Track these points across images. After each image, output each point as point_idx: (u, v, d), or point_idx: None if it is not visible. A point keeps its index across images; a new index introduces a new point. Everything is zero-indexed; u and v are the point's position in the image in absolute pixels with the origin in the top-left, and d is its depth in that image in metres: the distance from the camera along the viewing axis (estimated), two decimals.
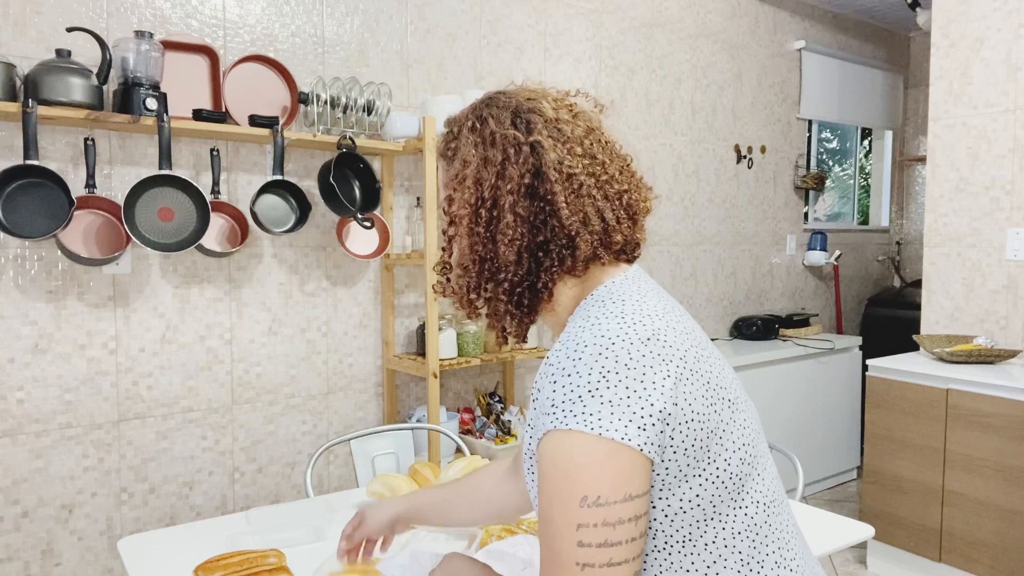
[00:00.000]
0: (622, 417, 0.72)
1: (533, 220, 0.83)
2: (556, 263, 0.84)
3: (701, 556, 0.79)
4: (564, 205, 0.82)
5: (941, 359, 2.84)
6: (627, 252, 0.90)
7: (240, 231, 2.36)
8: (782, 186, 4.29)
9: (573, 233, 0.83)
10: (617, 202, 0.87)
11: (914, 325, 3.61)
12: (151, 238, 2.13)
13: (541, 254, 0.84)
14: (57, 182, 1.99)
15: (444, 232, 0.89)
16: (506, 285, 0.85)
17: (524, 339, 0.93)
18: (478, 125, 0.87)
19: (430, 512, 1.22)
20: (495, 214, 0.84)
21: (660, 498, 0.77)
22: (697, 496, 0.77)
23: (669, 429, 0.74)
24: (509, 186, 0.83)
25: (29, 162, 1.94)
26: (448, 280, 0.90)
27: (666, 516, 0.78)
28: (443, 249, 0.90)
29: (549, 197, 0.83)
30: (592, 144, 0.87)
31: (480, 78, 2.99)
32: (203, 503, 2.43)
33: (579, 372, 0.74)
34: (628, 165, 0.90)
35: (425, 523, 1.24)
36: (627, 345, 0.75)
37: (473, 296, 0.89)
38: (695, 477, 0.77)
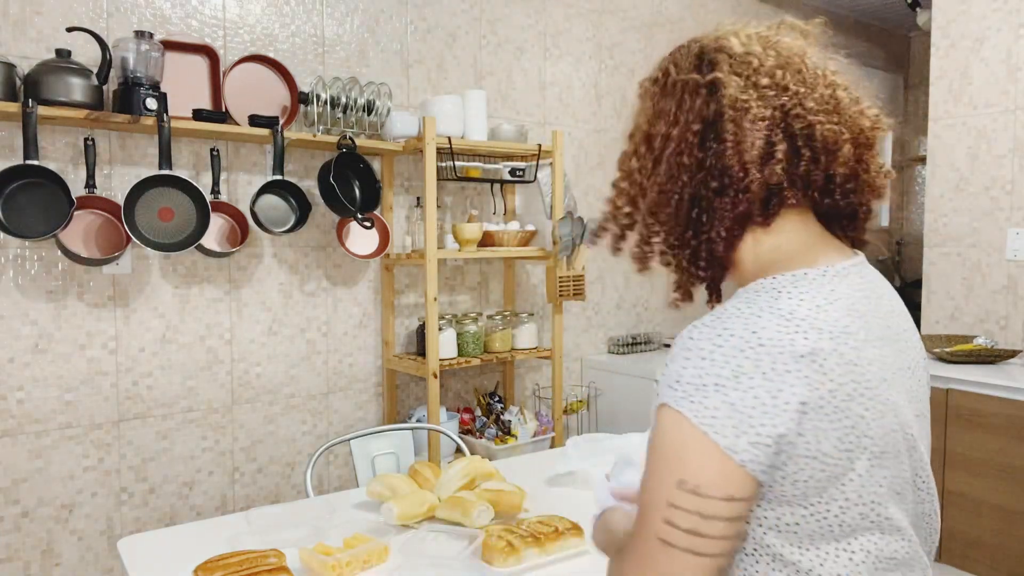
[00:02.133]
0: (738, 426, 0.68)
1: (701, 167, 0.78)
2: (728, 209, 0.77)
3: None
4: (730, 146, 0.76)
5: (941, 359, 2.84)
6: (832, 195, 0.80)
7: (240, 231, 2.36)
8: None
9: (739, 175, 0.76)
10: (804, 137, 0.76)
11: (914, 325, 3.61)
12: (151, 238, 2.13)
13: (715, 201, 0.78)
14: (57, 182, 1.99)
15: (614, 185, 0.87)
16: (678, 237, 0.81)
17: (690, 297, 0.87)
18: (660, 76, 0.84)
19: None
20: (662, 167, 0.80)
21: (758, 507, 0.74)
22: (796, 524, 0.73)
23: (784, 456, 0.69)
24: (675, 132, 0.79)
25: (29, 162, 1.94)
26: (622, 237, 0.87)
27: (760, 526, 0.74)
28: (615, 206, 0.87)
29: (719, 139, 0.77)
30: (785, 75, 0.78)
31: (480, 78, 2.99)
32: (203, 503, 2.43)
33: (714, 360, 0.70)
34: (834, 93, 0.80)
35: None
36: (775, 352, 0.69)
37: (647, 250, 0.86)
38: (800, 507, 0.72)
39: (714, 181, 0.77)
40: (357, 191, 2.55)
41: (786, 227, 0.80)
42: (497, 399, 2.94)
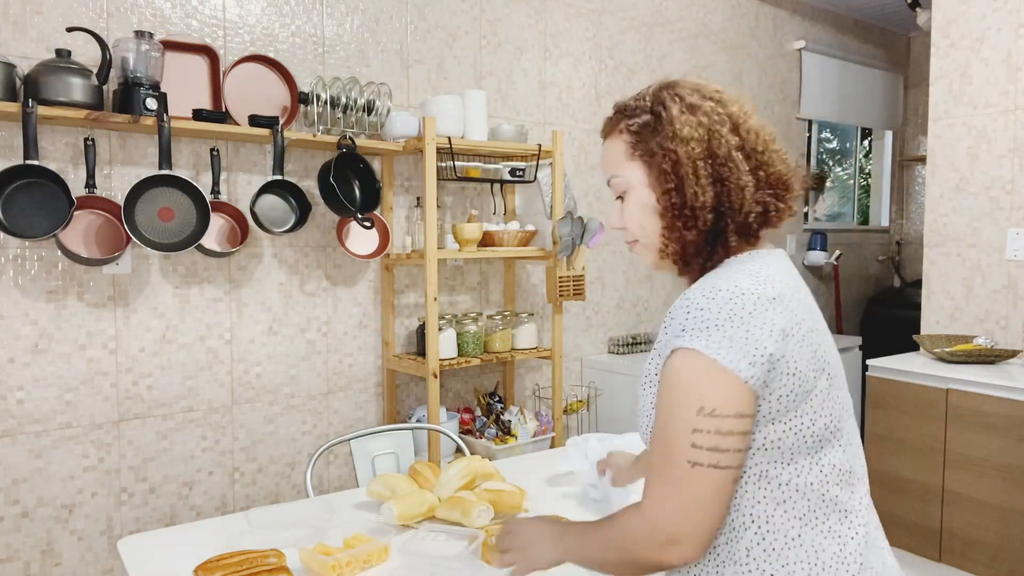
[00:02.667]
0: (739, 351, 0.85)
1: (752, 170, 0.97)
2: (772, 210, 0.98)
3: (773, 493, 0.91)
4: (770, 161, 0.98)
5: (941, 359, 2.84)
6: (772, 223, 1.01)
7: (240, 231, 2.36)
8: None
9: (786, 180, 0.99)
10: (786, 166, 1.01)
11: (914, 325, 3.61)
12: (151, 238, 2.13)
13: (759, 200, 0.97)
14: (57, 182, 1.99)
15: (664, 189, 0.98)
16: (733, 226, 0.96)
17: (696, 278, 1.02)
18: (678, 98, 0.99)
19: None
20: (722, 168, 0.95)
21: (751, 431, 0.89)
22: (778, 439, 0.90)
23: (773, 373, 0.87)
24: (728, 143, 0.96)
25: (29, 162, 1.94)
26: (658, 232, 1.00)
27: (749, 448, 0.89)
28: (660, 203, 0.99)
29: (754, 154, 0.97)
30: (750, 125, 1.00)
31: (480, 78, 2.99)
32: (203, 503, 2.43)
33: (710, 308, 0.88)
34: (774, 141, 1.02)
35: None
36: (754, 297, 0.89)
37: (686, 241, 0.98)
38: (780, 423, 0.89)
39: (726, 200, 0.96)
40: (357, 191, 2.55)
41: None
42: (497, 399, 2.94)
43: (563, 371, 3.18)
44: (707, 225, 0.96)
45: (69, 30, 2.04)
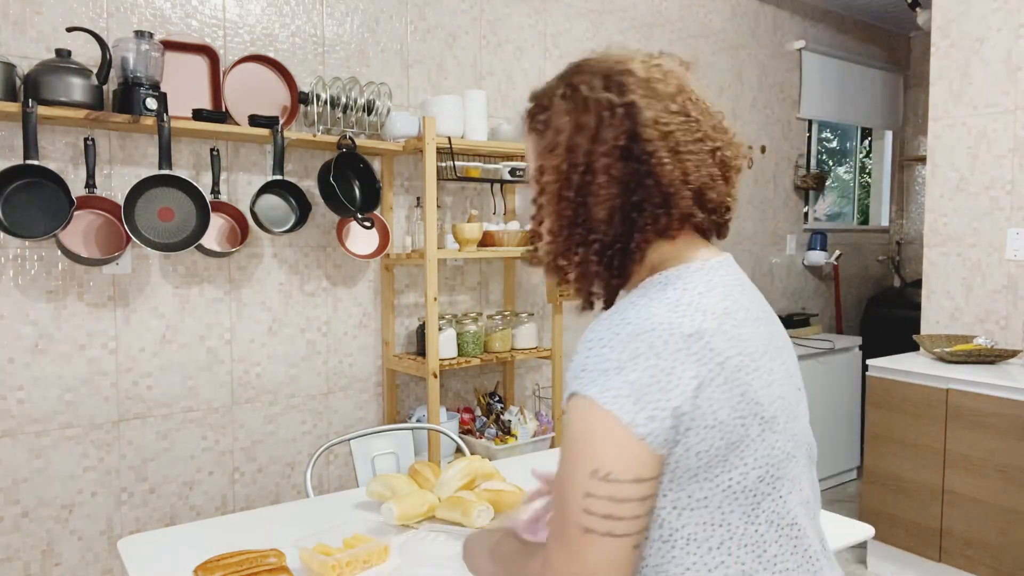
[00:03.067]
0: (638, 401, 0.74)
1: (628, 181, 0.82)
2: (650, 223, 0.83)
3: (703, 558, 0.80)
4: (662, 163, 0.81)
5: (941, 359, 2.84)
6: (718, 213, 0.88)
7: (240, 231, 2.36)
8: (782, 186, 4.29)
9: (671, 191, 0.82)
10: (711, 159, 0.84)
11: (914, 325, 3.61)
12: (151, 238, 2.13)
13: (635, 214, 0.83)
14: (57, 182, 1.99)
15: (534, 202, 0.88)
16: (596, 246, 0.84)
17: (612, 303, 0.91)
18: (569, 92, 0.86)
19: None
20: (588, 178, 0.82)
21: (670, 490, 0.79)
22: (705, 499, 0.79)
23: (683, 428, 0.75)
24: (603, 148, 0.82)
25: (29, 162, 1.94)
26: (536, 249, 0.91)
27: (674, 508, 0.79)
28: (532, 218, 0.89)
29: (645, 156, 0.81)
30: (684, 101, 0.85)
31: (480, 78, 2.99)
32: (203, 503, 2.43)
33: (613, 346, 0.77)
34: (721, 122, 0.88)
35: None
36: (665, 335, 0.76)
37: (563, 262, 0.88)
38: (706, 480, 0.78)
39: (635, 196, 0.82)
40: (357, 191, 2.55)
41: (684, 240, 0.87)
42: (497, 399, 2.94)
43: (563, 371, 3.18)
44: (570, 244, 0.85)
45: (69, 30, 2.04)
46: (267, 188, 2.35)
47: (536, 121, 0.89)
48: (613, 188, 0.82)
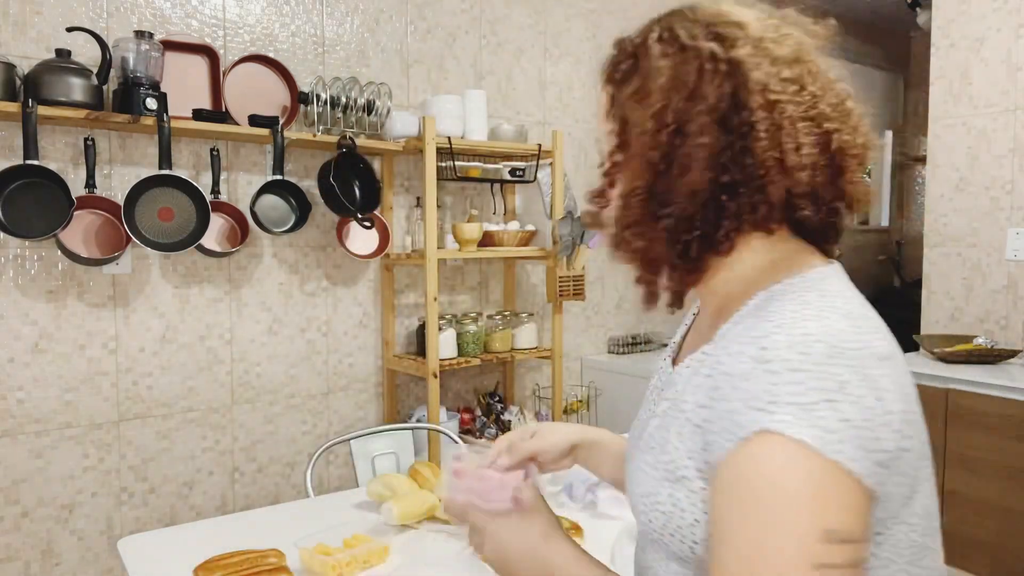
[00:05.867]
0: (863, 445, 0.57)
1: (723, 153, 0.66)
2: (747, 211, 0.67)
3: None
4: (763, 138, 0.66)
5: (941, 359, 2.84)
6: (828, 211, 0.72)
7: (240, 231, 2.36)
8: None
9: (765, 172, 0.66)
10: (822, 144, 0.68)
11: (914, 325, 3.61)
12: (151, 238, 2.13)
13: (726, 197, 0.67)
14: (57, 182, 1.99)
15: (610, 156, 0.74)
16: (671, 223, 0.68)
17: (680, 304, 0.76)
18: (667, 35, 0.70)
19: (603, 452, 1.04)
20: (677, 141, 0.67)
21: None
22: (889, 558, 0.64)
23: (889, 471, 0.60)
24: (700, 107, 0.66)
25: (29, 162, 1.94)
26: (600, 212, 0.76)
27: None
28: (604, 175, 0.74)
29: (745, 128, 0.66)
30: (802, 71, 0.69)
31: (480, 78, 2.99)
32: (203, 503, 2.43)
33: (810, 371, 0.57)
34: (844, 102, 0.72)
35: (592, 463, 1.05)
36: (863, 356, 0.59)
37: (629, 235, 0.72)
38: (890, 536, 0.64)
39: (728, 175, 0.67)
40: (357, 191, 2.55)
41: (788, 244, 0.73)
42: (497, 399, 2.94)
43: (563, 371, 3.18)
44: (686, 221, 0.68)
45: (69, 30, 2.04)
46: (267, 188, 2.35)
47: (617, 70, 0.73)
48: (704, 159, 0.66)
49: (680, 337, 0.87)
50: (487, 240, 2.74)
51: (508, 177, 2.78)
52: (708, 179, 0.67)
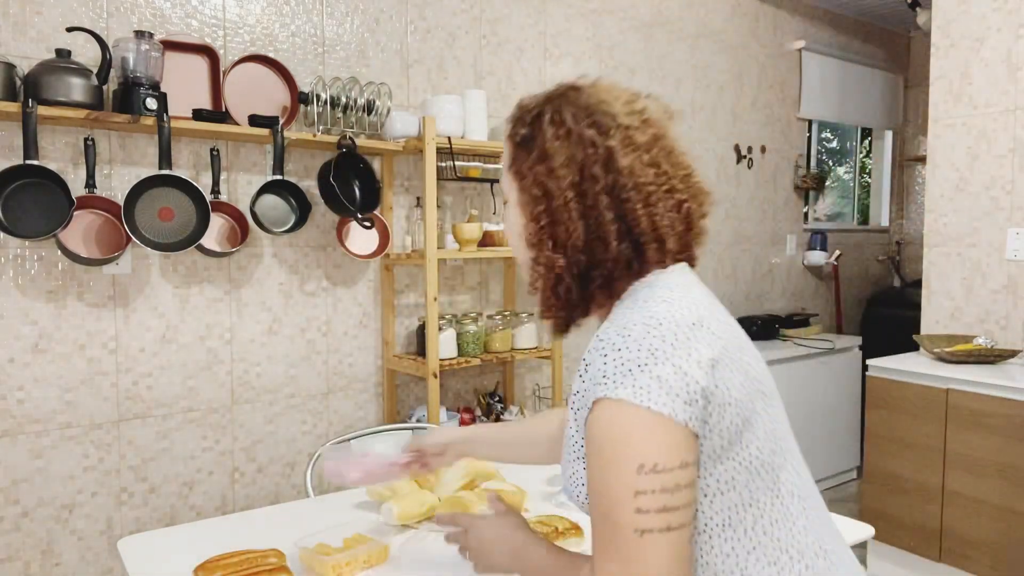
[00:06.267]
0: (670, 392, 0.75)
1: (604, 218, 0.86)
2: (623, 267, 0.87)
3: (740, 541, 0.81)
4: (635, 212, 0.85)
5: (941, 359, 2.84)
6: (680, 256, 0.92)
7: (240, 231, 2.36)
8: (782, 186, 4.29)
9: (642, 240, 0.86)
10: (676, 212, 0.88)
11: (914, 325, 3.61)
12: (151, 238, 2.13)
13: (606, 254, 0.87)
14: (57, 182, 1.99)
15: (532, 214, 0.90)
16: (574, 270, 0.88)
17: (566, 331, 0.96)
18: (557, 118, 0.88)
19: (481, 444, 1.32)
20: (583, 209, 0.86)
21: (699, 477, 0.80)
22: (732, 479, 0.80)
23: (709, 407, 0.78)
24: (596, 186, 0.85)
25: (29, 162, 1.94)
26: (533, 260, 0.92)
27: (705, 496, 0.80)
28: (537, 227, 0.90)
29: (618, 204, 0.85)
30: (658, 152, 0.88)
31: (480, 78, 2.99)
32: (203, 503, 2.43)
33: (628, 347, 0.78)
34: (690, 175, 0.90)
35: (476, 454, 1.33)
36: (673, 327, 0.79)
37: (552, 283, 0.90)
38: (729, 460, 0.80)
39: (609, 236, 0.86)
40: (357, 191, 2.55)
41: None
42: (497, 399, 2.94)
43: (563, 371, 3.18)
44: (577, 268, 0.87)
45: (69, 30, 2.04)
46: (267, 188, 2.35)
47: (517, 134, 0.92)
48: (609, 225, 0.85)
49: None
50: (487, 240, 2.74)
51: None
52: (597, 235, 0.86)
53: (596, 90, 0.91)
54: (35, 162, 1.95)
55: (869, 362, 2.93)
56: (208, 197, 2.22)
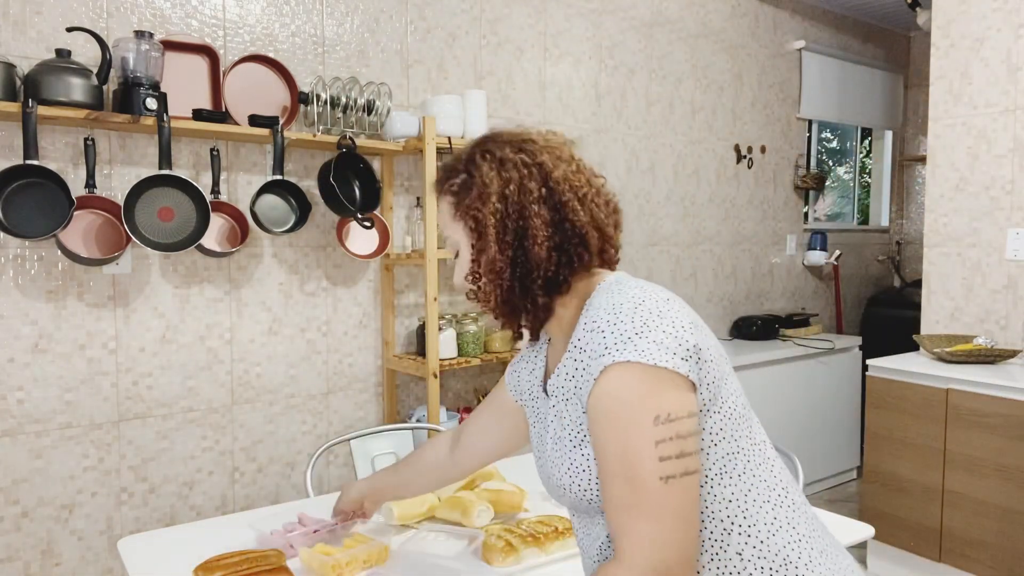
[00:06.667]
0: (667, 350, 0.84)
1: (552, 225, 0.96)
2: (576, 259, 0.97)
3: (737, 486, 0.89)
4: (575, 211, 0.97)
5: (941, 359, 2.84)
6: (614, 252, 1.05)
7: (240, 231, 2.36)
8: (782, 186, 4.29)
9: (584, 232, 0.97)
10: (606, 208, 1.01)
11: (914, 325, 3.61)
12: (151, 238, 2.13)
13: (560, 254, 0.96)
14: (57, 182, 1.99)
15: (473, 246, 0.99)
16: (540, 282, 0.96)
17: (538, 337, 1.07)
18: (488, 155, 0.99)
19: (389, 488, 1.43)
20: (521, 223, 0.96)
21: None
22: (721, 430, 0.89)
23: (701, 362, 0.87)
24: (530, 197, 0.96)
25: (29, 162, 1.94)
26: (479, 288, 1.00)
27: (702, 449, 0.88)
28: (473, 261, 1.00)
29: (560, 206, 0.96)
30: (579, 165, 1.02)
31: (480, 78, 2.99)
32: (203, 503, 2.43)
33: (622, 320, 0.87)
34: (603, 186, 1.03)
35: (388, 498, 1.46)
36: (654, 301, 0.89)
37: (504, 298, 0.99)
38: (716, 412, 0.89)
39: (559, 237, 0.96)
40: (357, 191, 2.55)
41: (592, 274, 1.02)
42: None
43: None
44: (513, 280, 0.96)
45: (69, 30, 2.04)
46: (267, 188, 2.35)
47: (453, 184, 1.01)
48: (546, 229, 0.96)
49: (539, 371, 1.12)
50: None
51: None
52: (552, 243, 0.96)
53: (511, 130, 1.04)
54: (35, 162, 1.95)
55: (869, 362, 2.93)
56: (208, 197, 2.22)
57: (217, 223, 2.34)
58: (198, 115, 2.19)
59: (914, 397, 2.75)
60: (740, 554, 0.88)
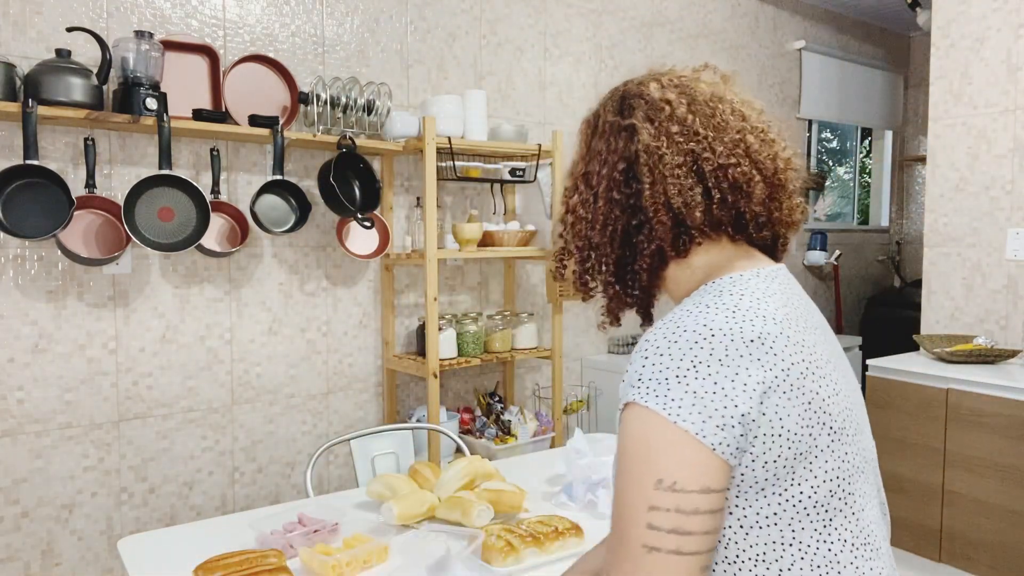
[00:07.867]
0: (703, 411, 0.70)
1: (627, 204, 0.85)
2: (646, 245, 0.85)
3: None
4: (647, 188, 0.83)
5: (941, 359, 2.84)
6: (749, 230, 0.86)
7: (240, 231, 2.36)
8: None
9: (651, 215, 0.83)
10: (714, 179, 0.82)
11: (914, 325, 3.61)
12: (151, 238, 2.13)
13: (637, 237, 0.86)
14: (57, 182, 1.99)
15: (561, 220, 0.93)
16: (611, 267, 0.88)
17: (617, 321, 0.95)
18: (592, 118, 0.91)
19: None
20: (598, 203, 0.87)
21: (736, 506, 0.75)
22: (775, 515, 0.75)
23: (750, 435, 0.72)
24: (605, 171, 0.86)
25: (29, 162, 1.94)
26: (564, 265, 0.94)
27: (741, 527, 0.75)
28: (560, 236, 0.93)
29: (635, 183, 0.84)
30: (695, 121, 0.83)
31: (480, 78, 2.99)
32: (203, 503, 2.43)
33: (671, 355, 0.73)
34: (743, 139, 0.84)
35: None
36: (727, 340, 0.73)
37: (587, 278, 0.92)
38: (774, 495, 0.74)
39: (634, 219, 0.85)
40: (357, 191, 2.55)
41: (710, 250, 0.86)
42: (497, 399, 2.94)
43: (563, 371, 3.18)
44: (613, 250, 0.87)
45: (69, 30, 2.04)
46: (267, 188, 2.35)
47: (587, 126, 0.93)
48: (614, 211, 0.85)
49: None
50: (487, 240, 2.74)
51: (508, 177, 2.78)
52: (620, 225, 0.86)
53: (645, 75, 0.91)
54: (35, 162, 1.95)
55: (869, 362, 2.93)
56: (208, 197, 2.22)
57: (217, 223, 2.34)
58: (198, 115, 2.19)
59: (914, 397, 2.75)
60: None
